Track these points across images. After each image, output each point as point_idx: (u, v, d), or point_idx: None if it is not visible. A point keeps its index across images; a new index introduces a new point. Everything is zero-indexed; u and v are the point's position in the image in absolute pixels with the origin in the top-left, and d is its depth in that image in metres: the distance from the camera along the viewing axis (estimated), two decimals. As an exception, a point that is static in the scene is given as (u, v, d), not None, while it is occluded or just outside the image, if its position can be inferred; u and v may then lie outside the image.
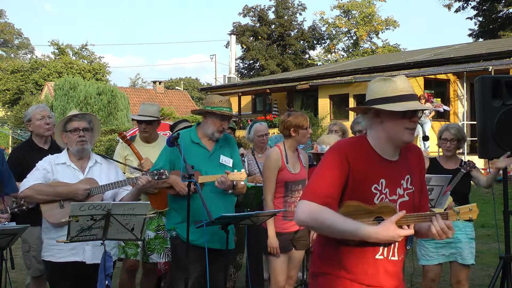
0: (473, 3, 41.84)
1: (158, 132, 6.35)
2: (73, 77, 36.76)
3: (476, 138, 5.95)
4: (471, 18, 43.19)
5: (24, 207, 4.55)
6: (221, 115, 5.01)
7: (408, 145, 3.23)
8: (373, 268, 3.06)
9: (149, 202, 4.65)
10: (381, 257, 3.07)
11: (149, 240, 5.88)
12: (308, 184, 3.12)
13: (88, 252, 4.57)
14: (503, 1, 39.12)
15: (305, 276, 6.70)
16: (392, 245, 3.07)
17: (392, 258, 3.10)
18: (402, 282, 3.22)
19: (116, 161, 5.43)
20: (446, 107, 20.04)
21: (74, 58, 57.15)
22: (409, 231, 2.95)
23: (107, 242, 4.40)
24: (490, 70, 18.76)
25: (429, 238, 3.16)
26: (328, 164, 3.07)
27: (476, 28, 43.21)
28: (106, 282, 4.31)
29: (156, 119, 6.09)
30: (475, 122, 5.76)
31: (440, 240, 5.58)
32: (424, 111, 15.94)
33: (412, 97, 3.06)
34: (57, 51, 56.91)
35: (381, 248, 3.05)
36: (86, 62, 57.25)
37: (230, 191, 5.05)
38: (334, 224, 2.92)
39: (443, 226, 2.98)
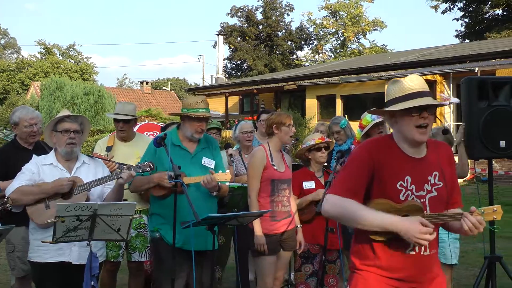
0: (460, 5, 42.10)
1: (144, 133, 6.35)
2: (59, 77, 36.51)
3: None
4: (457, 20, 43.50)
5: (8, 205, 4.52)
6: (197, 117, 5.02)
7: (439, 142, 3.40)
8: (404, 263, 3.17)
9: (135, 202, 4.63)
10: (413, 252, 3.18)
11: (131, 239, 5.86)
12: (335, 178, 3.25)
13: (74, 253, 4.54)
14: (489, 3, 39.37)
15: (291, 277, 6.70)
16: None
17: (424, 253, 3.20)
18: (439, 273, 3.31)
19: (103, 158, 5.41)
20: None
21: (61, 58, 56.85)
22: (432, 237, 3.03)
23: (95, 243, 4.39)
24: (476, 71, 18.90)
25: (460, 234, 3.28)
26: (353, 160, 3.27)
27: (462, 29, 43.49)
28: (92, 283, 4.28)
29: (133, 118, 6.10)
30: (461, 123, 5.79)
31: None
32: None
33: (420, 94, 3.14)
34: (43, 51, 56.63)
35: (411, 244, 3.13)
36: (73, 62, 56.96)
37: (215, 193, 5.04)
38: (355, 212, 3.09)
39: (475, 221, 3.10)
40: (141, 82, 48.66)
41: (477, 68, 19.16)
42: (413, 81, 3.18)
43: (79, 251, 4.53)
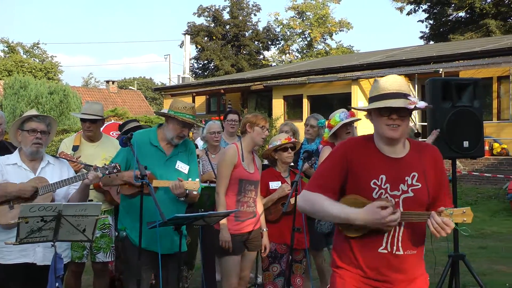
0: (424, 7, 42.60)
1: (110, 132, 6.29)
2: (23, 76, 35.94)
3: (426, 139, 6.05)
4: (422, 21, 44.02)
5: None
6: (182, 121, 4.98)
7: (424, 144, 3.44)
8: (376, 262, 3.21)
9: (101, 203, 4.59)
10: (385, 251, 3.21)
11: (95, 239, 5.79)
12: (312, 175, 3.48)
13: (39, 254, 4.49)
14: (453, 5, 39.93)
15: (257, 277, 6.70)
16: (396, 240, 3.21)
17: (397, 252, 3.23)
18: (420, 275, 3.33)
19: (69, 158, 5.36)
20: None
21: (25, 56, 55.90)
22: (396, 216, 3.07)
23: (60, 244, 4.33)
24: (440, 72, 19.14)
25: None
26: (328, 157, 3.40)
27: (427, 30, 44.03)
28: (57, 284, 4.23)
29: (100, 118, 6.05)
30: (426, 123, 5.87)
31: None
32: None
33: (393, 95, 3.18)
34: (7, 49, 55.61)
35: (384, 242, 3.21)
36: (38, 60, 56.08)
37: (182, 198, 5.00)
38: (323, 207, 3.21)
39: (440, 222, 3.10)
40: (107, 82, 48.15)
41: (441, 69, 19.40)
42: (388, 82, 3.22)
43: (44, 252, 4.47)
